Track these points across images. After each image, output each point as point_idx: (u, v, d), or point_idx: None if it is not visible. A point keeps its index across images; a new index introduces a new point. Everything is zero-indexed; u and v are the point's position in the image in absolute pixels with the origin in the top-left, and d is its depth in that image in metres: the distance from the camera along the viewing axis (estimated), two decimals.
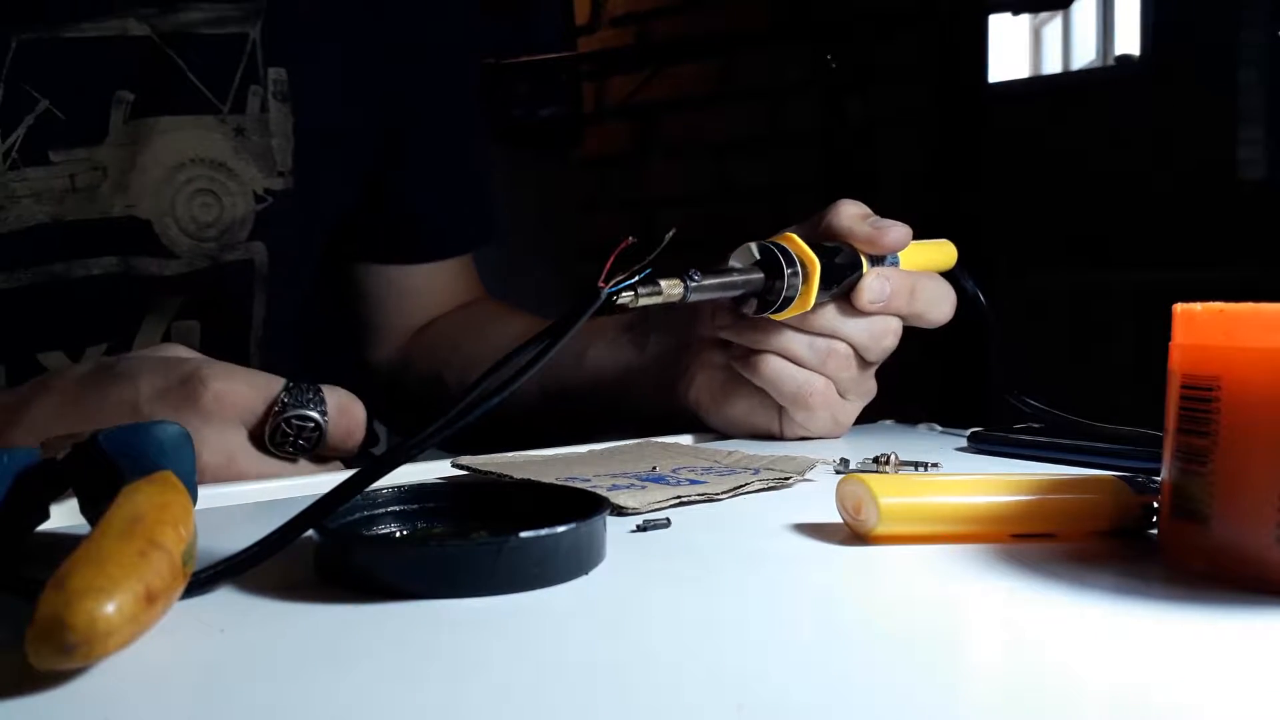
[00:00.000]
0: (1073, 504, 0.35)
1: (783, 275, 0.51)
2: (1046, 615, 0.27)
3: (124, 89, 0.58)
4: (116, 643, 0.21)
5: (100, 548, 0.22)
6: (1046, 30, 1.74)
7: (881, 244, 0.54)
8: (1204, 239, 1.55)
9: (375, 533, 0.33)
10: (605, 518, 0.32)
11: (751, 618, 0.27)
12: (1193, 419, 0.30)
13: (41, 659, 0.20)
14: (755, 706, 0.21)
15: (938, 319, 0.56)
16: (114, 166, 0.58)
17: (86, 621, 0.20)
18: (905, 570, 0.32)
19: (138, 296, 0.61)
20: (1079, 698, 0.22)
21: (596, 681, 0.23)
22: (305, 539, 0.29)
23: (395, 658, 0.24)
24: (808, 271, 0.51)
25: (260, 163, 0.62)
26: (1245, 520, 0.29)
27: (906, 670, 0.23)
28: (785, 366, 0.55)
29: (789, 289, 0.51)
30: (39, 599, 0.21)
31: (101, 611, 0.21)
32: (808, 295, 0.52)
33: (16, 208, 0.57)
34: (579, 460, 0.48)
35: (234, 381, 0.44)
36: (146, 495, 0.26)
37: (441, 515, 0.34)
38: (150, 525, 0.24)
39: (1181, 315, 0.31)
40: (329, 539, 0.29)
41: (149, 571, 0.22)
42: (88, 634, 0.20)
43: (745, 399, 0.58)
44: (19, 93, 0.55)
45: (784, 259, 0.51)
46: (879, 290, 0.54)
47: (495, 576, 0.28)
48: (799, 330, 0.54)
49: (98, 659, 0.21)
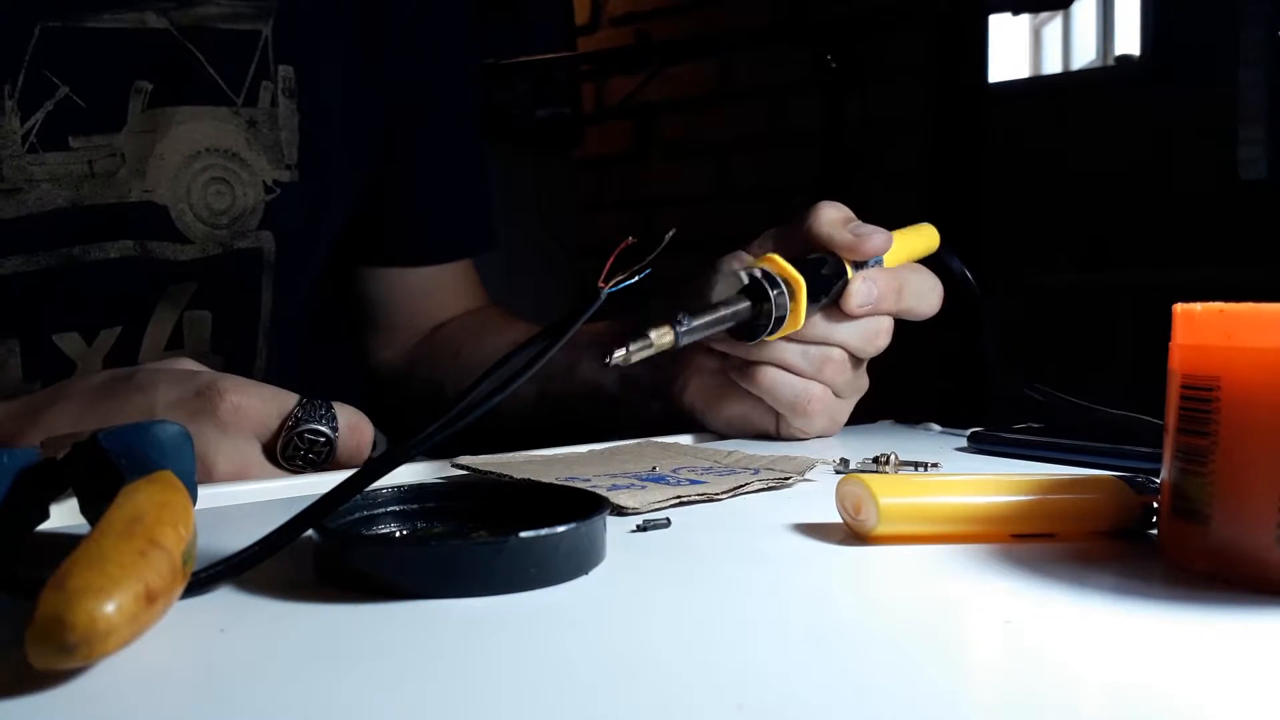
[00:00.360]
0: (1073, 504, 0.35)
1: (769, 299, 0.51)
2: (1046, 616, 0.27)
3: (142, 79, 0.59)
4: (116, 642, 0.21)
5: (100, 547, 0.22)
6: (1046, 30, 1.74)
7: (863, 252, 0.55)
8: (1204, 239, 1.55)
9: (376, 532, 0.33)
10: (605, 518, 0.32)
11: (751, 618, 0.27)
12: (1193, 419, 0.30)
13: (41, 659, 0.20)
14: (755, 707, 0.21)
15: (926, 311, 0.57)
16: (132, 153, 0.59)
17: (86, 621, 0.20)
18: (905, 571, 0.32)
19: (153, 281, 0.62)
20: (1079, 699, 0.22)
21: (596, 681, 0.23)
22: (305, 539, 0.29)
23: (394, 658, 0.24)
24: (794, 290, 0.52)
25: (270, 155, 0.63)
26: (1245, 520, 0.29)
27: (906, 671, 0.23)
28: (782, 376, 0.55)
29: (778, 310, 0.52)
30: (39, 598, 0.20)
31: (101, 611, 0.20)
32: (797, 313, 0.52)
33: (35, 191, 0.57)
34: (579, 460, 0.48)
35: (250, 395, 0.44)
36: (147, 495, 0.26)
37: (442, 515, 0.34)
38: (150, 525, 0.24)
39: (1181, 315, 0.31)
40: (329, 539, 0.29)
41: (149, 571, 0.22)
42: (87, 633, 0.20)
43: (740, 402, 0.58)
44: (40, 79, 0.56)
45: (768, 283, 0.51)
46: (866, 294, 0.54)
47: (495, 576, 0.28)
48: (792, 340, 0.55)
49: (98, 659, 0.21)
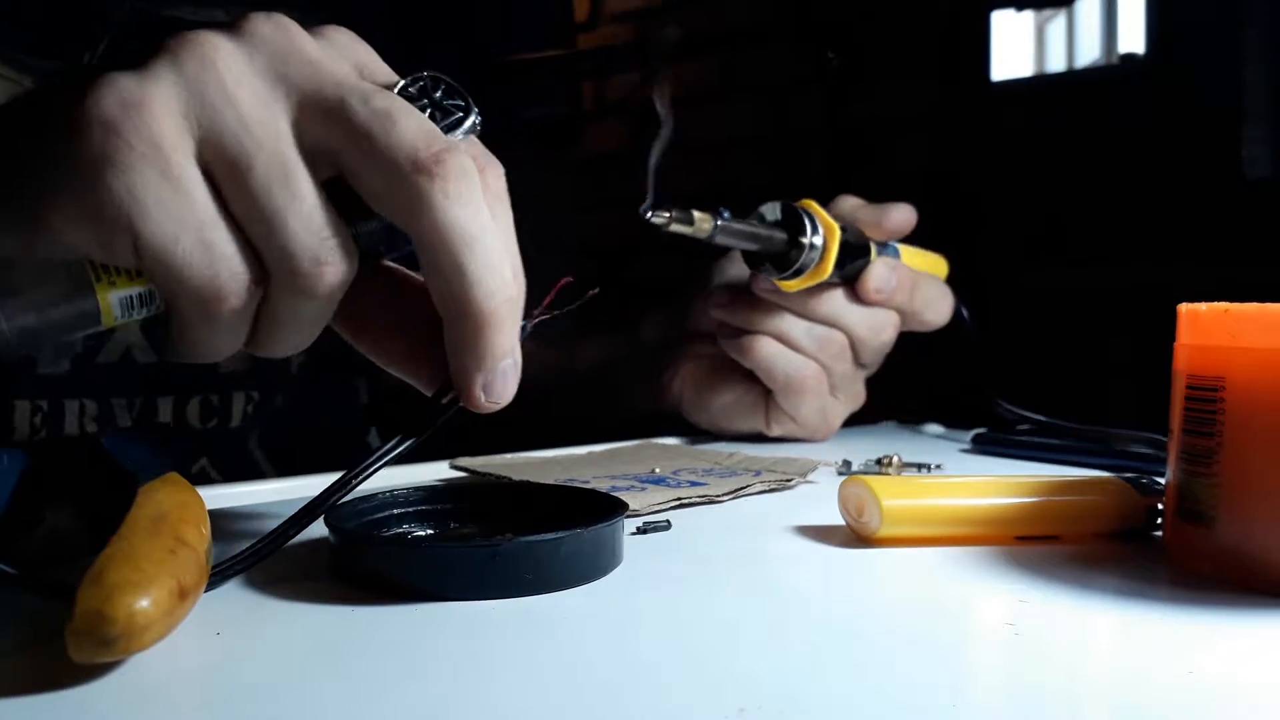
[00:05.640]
0: (1077, 506, 0.35)
1: (802, 238, 0.50)
2: (1051, 618, 0.27)
3: None
4: (152, 637, 0.22)
5: (132, 545, 0.23)
6: (1050, 28, 1.74)
7: (886, 225, 0.53)
8: (1209, 238, 1.55)
9: (396, 532, 0.33)
10: (623, 521, 0.32)
11: (752, 620, 0.27)
12: (1198, 419, 0.30)
13: (82, 652, 0.21)
14: (756, 709, 0.21)
15: (934, 320, 0.56)
16: None
17: (126, 615, 0.21)
18: (908, 572, 0.31)
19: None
20: (1084, 700, 0.22)
21: (596, 682, 0.22)
22: (319, 540, 0.29)
23: (397, 659, 0.24)
24: (827, 239, 0.50)
25: None
26: (1251, 522, 0.29)
27: (909, 673, 0.23)
28: (780, 349, 0.54)
29: (809, 253, 0.50)
30: (77, 594, 0.21)
31: (139, 606, 0.21)
32: (825, 264, 0.51)
33: None
34: (578, 462, 0.48)
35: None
36: (166, 495, 0.26)
37: (466, 517, 0.34)
38: (175, 524, 0.25)
39: (1186, 315, 0.31)
40: (342, 538, 0.29)
41: (180, 568, 0.23)
42: (127, 627, 0.21)
43: (730, 390, 0.56)
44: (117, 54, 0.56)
45: (809, 222, 0.50)
46: (886, 279, 0.53)
47: (503, 579, 0.28)
48: (798, 314, 0.53)
49: (135, 652, 0.22)
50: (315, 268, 0.28)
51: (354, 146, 0.28)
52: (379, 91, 0.29)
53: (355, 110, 0.28)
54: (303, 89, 0.28)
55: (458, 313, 0.29)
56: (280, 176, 0.27)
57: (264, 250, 0.28)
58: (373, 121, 0.28)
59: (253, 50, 0.28)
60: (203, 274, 0.27)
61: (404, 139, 0.28)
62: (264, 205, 0.27)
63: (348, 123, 0.28)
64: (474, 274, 0.29)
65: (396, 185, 0.28)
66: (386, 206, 0.29)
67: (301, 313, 0.29)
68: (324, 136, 0.28)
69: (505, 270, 0.29)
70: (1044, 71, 1.74)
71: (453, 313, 0.29)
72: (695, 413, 0.58)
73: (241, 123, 0.27)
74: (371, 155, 0.28)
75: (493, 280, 0.29)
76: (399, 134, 0.28)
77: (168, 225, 0.26)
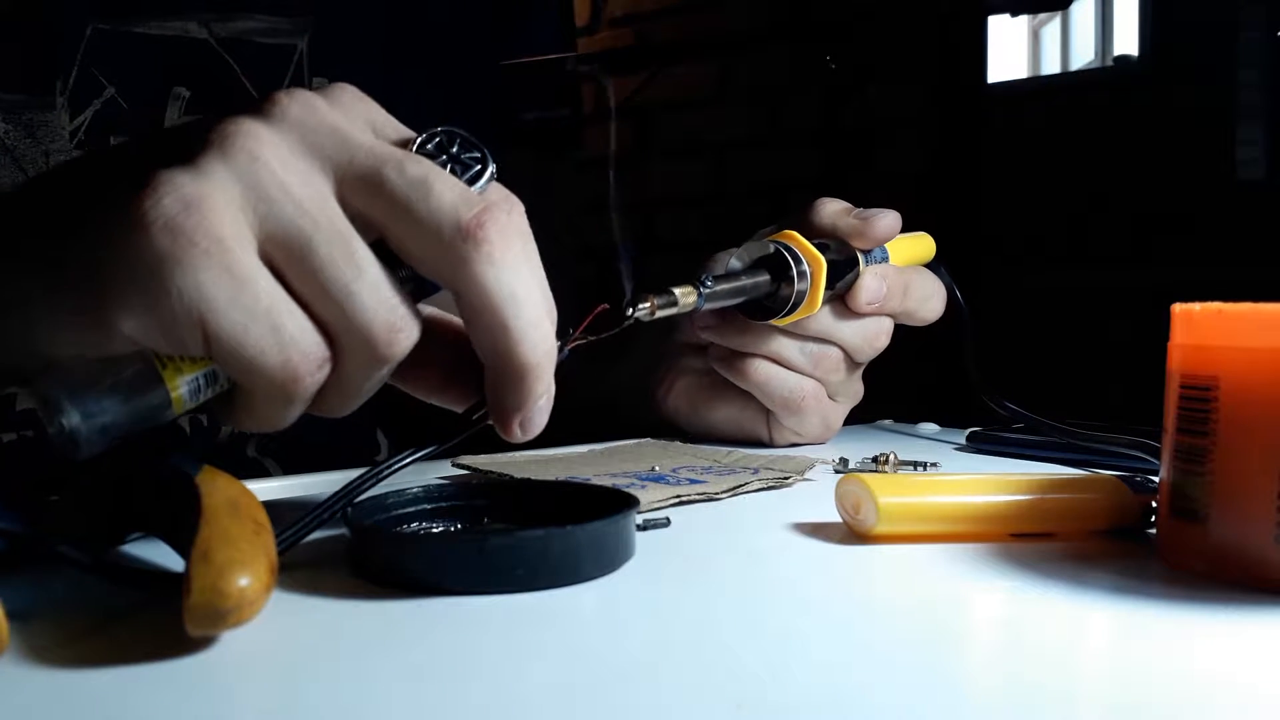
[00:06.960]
0: (1071, 504, 0.35)
1: (788, 277, 0.49)
2: (1045, 615, 0.27)
3: (181, 85, 0.60)
4: (254, 610, 0.23)
5: (225, 528, 0.24)
6: (1045, 31, 1.74)
7: (871, 235, 0.52)
8: (1202, 239, 1.55)
9: (422, 529, 0.34)
10: (634, 515, 0.32)
11: (750, 617, 0.27)
12: (1191, 419, 0.30)
13: (199, 625, 0.22)
14: (754, 706, 0.21)
15: (929, 316, 0.55)
16: None
17: (237, 590, 0.22)
18: (904, 570, 0.32)
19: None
20: (1078, 697, 0.22)
21: (595, 679, 0.23)
22: (338, 537, 0.30)
23: (399, 655, 0.24)
24: (814, 272, 0.49)
25: None
26: (1244, 520, 0.29)
27: (906, 670, 0.24)
28: (776, 370, 0.53)
29: (798, 292, 0.49)
30: (190, 573, 0.22)
31: (248, 582, 0.23)
32: (815, 297, 0.50)
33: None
34: (578, 460, 0.48)
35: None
36: (225, 483, 0.27)
37: (487, 512, 0.35)
38: (248, 507, 0.26)
39: (1180, 315, 0.31)
40: (360, 533, 0.30)
41: (268, 548, 0.24)
42: (239, 601, 0.22)
43: (728, 404, 0.56)
44: (89, 78, 0.57)
45: (792, 259, 0.49)
46: (876, 290, 0.52)
47: (508, 573, 0.28)
48: (789, 334, 0.52)
49: (243, 623, 0.23)
50: (390, 334, 0.29)
51: (396, 217, 0.29)
52: (410, 158, 0.30)
53: (392, 180, 0.29)
54: (337, 161, 0.29)
55: (502, 364, 0.31)
56: (344, 252, 0.28)
57: (336, 325, 0.29)
58: (411, 191, 0.29)
59: (287, 131, 0.29)
60: (276, 359, 0.28)
61: (443, 205, 0.29)
62: (332, 281, 0.28)
63: (387, 193, 0.29)
64: (519, 331, 0.30)
65: (441, 252, 0.29)
66: (430, 270, 0.30)
67: (374, 379, 0.30)
68: (365, 206, 0.29)
69: (546, 325, 0.31)
70: (1039, 74, 1.74)
71: (496, 364, 0.31)
72: (692, 427, 0.58)
73: (297, 206, 0.28)
74: (414, 224, 0.29)
75: (535, 334, 0.30)
76: (437, 201, 0.29)
77: (237, 316, 0.27)
